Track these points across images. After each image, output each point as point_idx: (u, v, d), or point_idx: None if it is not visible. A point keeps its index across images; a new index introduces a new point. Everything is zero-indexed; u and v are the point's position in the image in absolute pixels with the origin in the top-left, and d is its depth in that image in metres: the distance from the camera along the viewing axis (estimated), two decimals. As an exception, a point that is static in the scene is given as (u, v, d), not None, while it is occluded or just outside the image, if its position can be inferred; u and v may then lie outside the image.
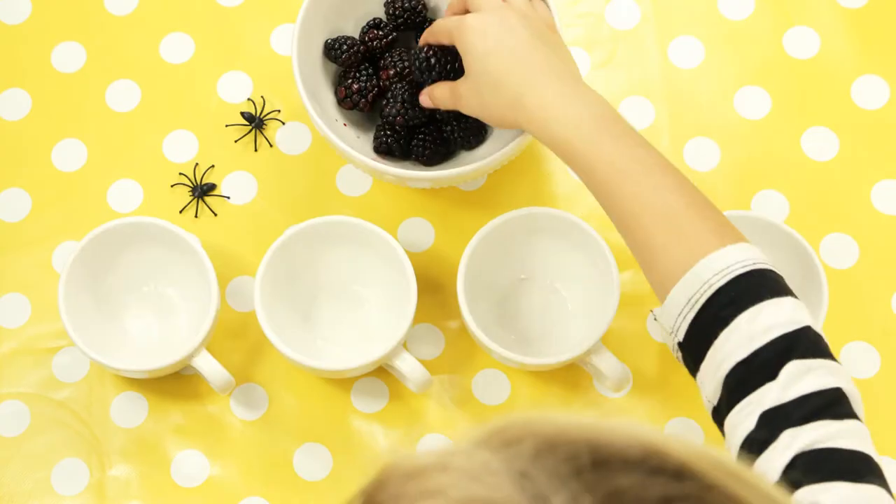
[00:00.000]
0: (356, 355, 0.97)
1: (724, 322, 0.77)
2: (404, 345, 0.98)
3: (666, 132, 1.08)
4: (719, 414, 0.79)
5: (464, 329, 1.01)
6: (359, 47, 1.01)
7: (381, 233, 0.98)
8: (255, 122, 1.07)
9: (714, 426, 1.01)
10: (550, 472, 0.44)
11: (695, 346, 0.79)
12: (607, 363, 0.95)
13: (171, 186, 1.06)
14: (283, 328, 0.99)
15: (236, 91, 1.09)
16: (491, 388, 1.01)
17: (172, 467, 0.99)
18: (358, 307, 1.03)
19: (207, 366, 0.96)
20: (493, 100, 0.89)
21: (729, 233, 0.82)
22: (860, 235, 1.05)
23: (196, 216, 1.06)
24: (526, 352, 0.99)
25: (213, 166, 1.07)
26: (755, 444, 0.74)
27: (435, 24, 0.95)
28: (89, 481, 0.99)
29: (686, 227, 0.81)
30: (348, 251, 1.02)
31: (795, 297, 0.79)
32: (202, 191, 1.06)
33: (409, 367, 0.95)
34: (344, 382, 1.01)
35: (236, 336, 1.02)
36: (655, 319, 0.84)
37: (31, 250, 1.05)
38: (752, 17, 1.11)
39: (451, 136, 1.01)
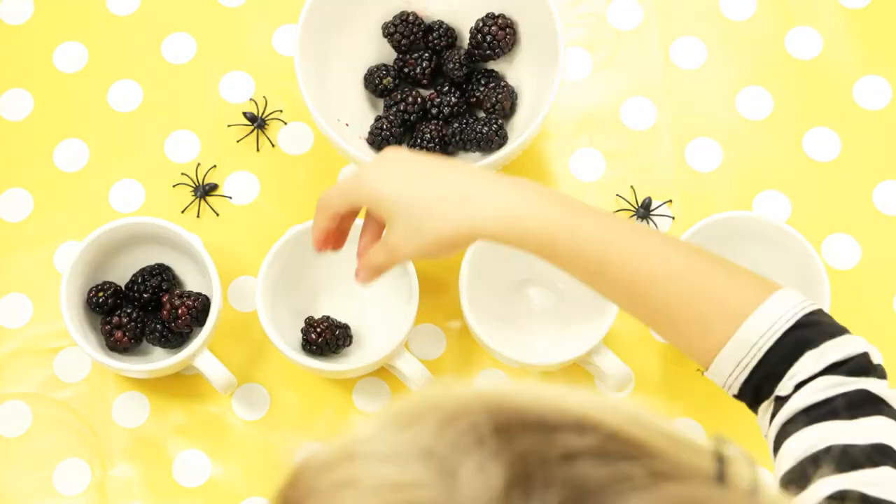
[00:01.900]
0: (358, 356, 0.97)
1: (780, 377, 0.75)
2: (406, 345, 0.98)
3: (668, 132, 1.08)
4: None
5: (466, 329, 1.01)
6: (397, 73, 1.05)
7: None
8: (257, 122, 1.07)
9: (715, 427, 1.01)
10: (454, 445, 0.44)
11: (751, 395, 0.77)
12: (609, 363, 0.95)
13: (173, 186, 1.06)
14: (285, 328, 0.99)
15: (238, 91, 1.09)
16: (492, 388, 1.01)
17: (174, 467, 0.99)
18: (360, 307, 1.03)
19: (209, 366, 0.96)
20: (432, 227, 0.78)
21: (758, 284, 0.77)
22: (862, 236, 1.05)
23: (198, 216, 1.06)
24: (528, 352, 0.98)
25: (214, 166, 1.07)
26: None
27: (322, 197, 0.85)
28: (91, 481, 0.99)
29: (714, 291, 0.76)
30: (350, 251, 1.01)
31: (845, 330, 0.77)
32: (204, 191, 1.06)
33: (410, 367, 0.95)
34: (346, 383, 1.01)
35: (238, 336, 1.02)
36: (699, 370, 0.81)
37: (32, 250, 1.05)
38: (754, 18, 1.11)
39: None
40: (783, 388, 0.74)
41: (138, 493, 0.99)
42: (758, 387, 0.76)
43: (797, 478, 0.70)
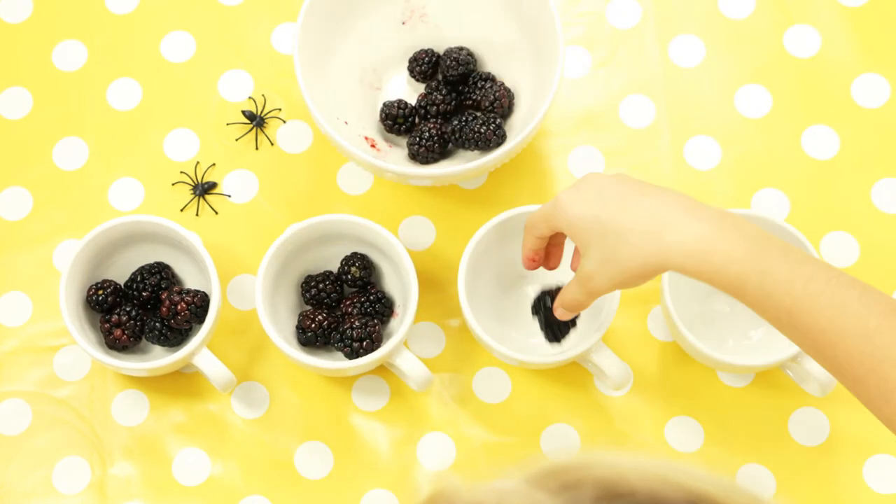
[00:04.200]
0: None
1: None
2: (405, 343, 0.98)
3: (666, 131, 1.08)
4: None
5: (465, 327, 1.01)
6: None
7: (382, 231, 0.98)
8: (256, 120, 1.08)
9: (714, 425, 1.01)
10: None
11: None
12: (608, 362, 0.95)
13: (172, 185, 1.07)
14: (284, 326, 0.99)
15: (237, 89, 1.09)
16: (492, 386, 1.01)
17: (174, 466, 1.00)
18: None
19: (208, 364, 0.96)
20: (627, 253, 0.78)
21: None
22: (860, 234, 1.05)
23: (197, 214, 1.06)
24: (527, 350, 0.99)
25: (213, 165, 1.07)
26: None
27: (529, 218, 0.88)
28: (90, 479, 0.99)
29: None
30: (349, 249, 1.02)
31: None
32: (203, 189, 1.06)
33: (409, 365, 0.96)
34: (345, 381, 1.02)
35: (237, 334, 1.02)
36: None
37: (32, 249, 1.05)
38: (753, 16, 1.11)
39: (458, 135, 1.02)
40: None
41: (138, 492, 0.99)
42: None
43: None
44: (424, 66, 1.05)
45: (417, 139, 1.02)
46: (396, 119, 1.04)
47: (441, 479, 0.50)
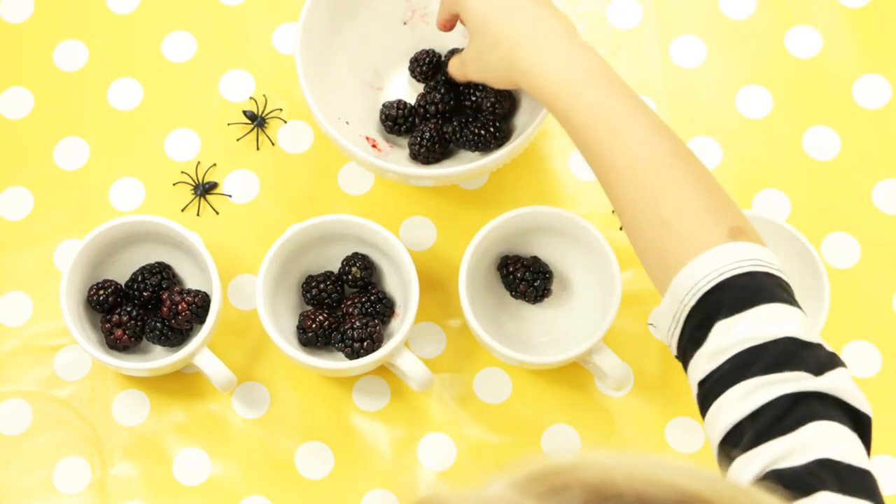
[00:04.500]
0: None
1: (697, 344, 0.73)
2: (406, 343, 0.98)
3: (667, 131, 1.08)
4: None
5: (465, 327, 1.01)
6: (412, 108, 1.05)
7: (382, 231, 0.98)
8: (257, 120, 1.08)
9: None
10: None
11: (683, 360, 0.75)
12: (609, 362, 0.95)
13: (173, 185, 1.07)
14: (285, 326, 0.99)
15: (238, 89, 1.09)
16: (492, 386, 1.01)
17: (174, 466, 0.99)
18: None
19: (209, 364, 0.96)
20: (492, 59, 0.89)
21: (720, 225, 0.75)
22: (861, 235, 1.05)
23: (198, 215, 1.06)
24: (527, 351, 0.99)
25: (214, 165, 1.07)
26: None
27: None
28: (91, 479, 0.99)
29: (679, 219, 0.76)
30: (350, 250, 1.02)
31: (777, 297, 0.73)
32: (204, 189, 1.06)
33: (410, 365, 0.96)
34: (345, 381, 1.02)
35: (238, 334, 1.02)
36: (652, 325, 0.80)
37: (32, 248, 1.05)
38: (754, 17, 1.11)
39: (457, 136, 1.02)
40: (696, 371, 0.72)
41: (138, 492, 0.99)
42: (684, 351, 0.73)
43: None
44: (425, 66, 1.05)
45: (418, 139, 1.02)
46: (396, 120, 1.04)
47: (428, 486, 0.50)
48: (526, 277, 0.99)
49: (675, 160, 0.78)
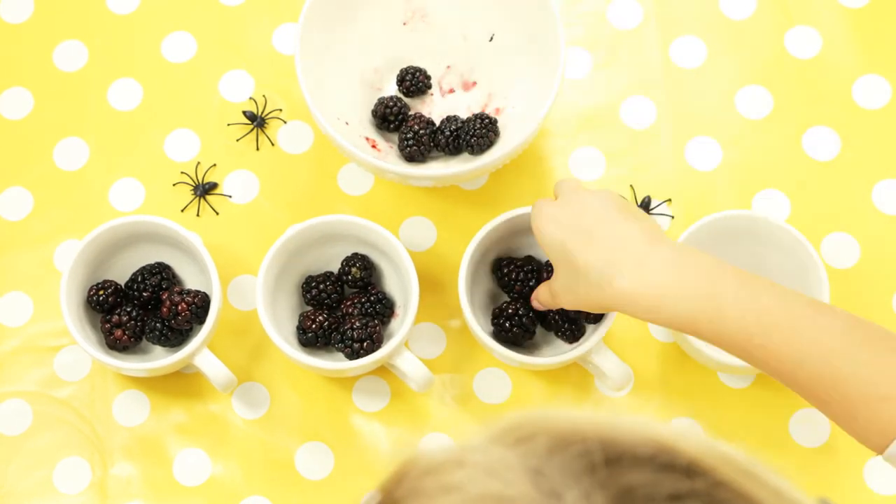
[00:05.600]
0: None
1: None
2: (406, 344, 0.98)
3: (667, 132, 1.08)
4: None
5: (465, 328, 1.01)
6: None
7: (382, 232, 0.98)
8: (257, 120, 1.08)
9: (715, 426, 1.01)
10: (563, 469, 0.44)
11: None
12: (609, 363, 0.95)
13: (173, 185, 1.07)
14: (285, 327, 0.99)
15: (238, 90, 1.09)
16: (492, 387, 1.01)
17: (174, 466, 1.00)
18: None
19: (209, 364, 0.96)
20: (587, 291, 0.83)
21: None
22: (861, 235, 1.05)
23: (198, 215, 1.06)
24: (527, 351, 0.99)
25: (214, 165, 1.07)
26: None
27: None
28: (91, 480, 0.99)
29: (858, 375, 0.75)
30: (350, 250, 1.02)
31: None
32: (204, 189, 1.06)
33: (410, 366, 0.96)
34: (345, 381, 1.02)
35: (238, 335, 1.02)
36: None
37: (32, 249, 1.05)
38: (754, 17, 1.11)
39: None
40: None
41: (138, 492, 0.99)
42: None
43: None
44: (409, 83, 1.05)
45: (405, 140, 1.02)
46: (387, 117, 1.04)
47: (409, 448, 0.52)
48: (520, 278, 0.99)
49: (861, 334, 0.77)
